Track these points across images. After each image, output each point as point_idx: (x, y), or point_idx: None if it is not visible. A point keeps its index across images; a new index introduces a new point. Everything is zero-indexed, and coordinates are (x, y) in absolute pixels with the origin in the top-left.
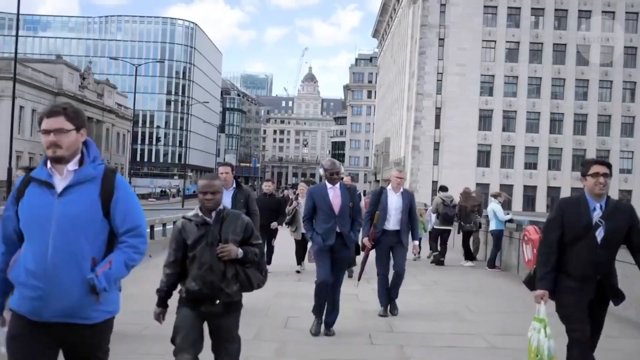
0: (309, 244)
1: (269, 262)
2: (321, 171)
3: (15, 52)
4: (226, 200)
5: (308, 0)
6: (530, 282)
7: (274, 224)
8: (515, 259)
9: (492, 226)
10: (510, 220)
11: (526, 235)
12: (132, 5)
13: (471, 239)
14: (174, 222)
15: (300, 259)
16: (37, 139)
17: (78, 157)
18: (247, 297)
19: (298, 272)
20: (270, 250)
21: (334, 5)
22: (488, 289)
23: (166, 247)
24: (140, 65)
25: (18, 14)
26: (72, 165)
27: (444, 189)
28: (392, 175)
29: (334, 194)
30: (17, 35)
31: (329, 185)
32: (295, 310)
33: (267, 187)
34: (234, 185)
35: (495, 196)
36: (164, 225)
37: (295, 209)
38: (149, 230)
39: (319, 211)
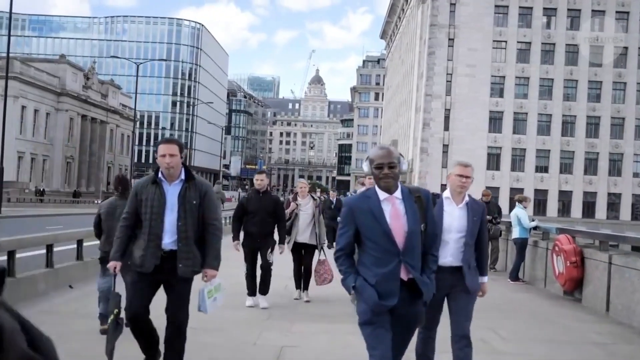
0: (315, 258)
1: (265, 292)
2: (365, 166)
3: (8, 51)
4: (171, 199)
5: (319, 3)
6: None
7: (281, 248)
8: (541, 271)
9: (516, 234)
10: (535, 228)
11: (557, 246)
12: (142, 7)
13: (489, 246)
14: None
15: (299, 281)
16: (39, 140)
17: None
18: (230, 321)
19: (297, 299)
20: (266, 272)
21: (345, 8)
22: (514, 308)
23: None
24: (142, 63)
25: (11, 11)
26: None
27: None
28: (452, 174)
29: (394, 211)
30: (9, 35)
31: (381, 194)
32: (292, 337)
33: (260, 181)
34: (183, 177)
35: (520, 201)
36: None
37: (296, 214)
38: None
39: (367, 243)
